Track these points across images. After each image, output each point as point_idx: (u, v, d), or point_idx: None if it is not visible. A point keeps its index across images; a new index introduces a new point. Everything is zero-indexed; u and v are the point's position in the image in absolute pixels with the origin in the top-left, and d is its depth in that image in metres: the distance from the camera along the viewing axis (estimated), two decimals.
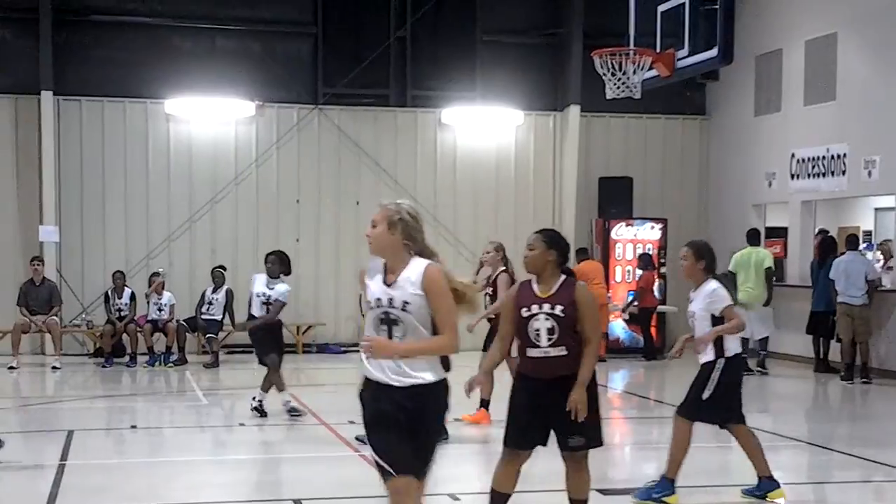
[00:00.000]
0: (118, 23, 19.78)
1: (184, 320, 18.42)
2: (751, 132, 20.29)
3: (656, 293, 19.59)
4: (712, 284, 8.15)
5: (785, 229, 19.83)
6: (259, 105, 19.97)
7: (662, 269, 20.02)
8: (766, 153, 19.77)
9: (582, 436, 6.73)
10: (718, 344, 8.09)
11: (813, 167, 18.51)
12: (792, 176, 19.00)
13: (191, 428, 12.63)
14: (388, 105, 20.81)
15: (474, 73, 20.99)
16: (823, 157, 18.24)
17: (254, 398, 12.45)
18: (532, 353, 6.74)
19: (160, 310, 18.30)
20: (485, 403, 11.87)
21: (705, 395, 8.11)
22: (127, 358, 18.03)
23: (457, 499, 8.39)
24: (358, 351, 5.74)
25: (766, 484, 8.41)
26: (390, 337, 5.49)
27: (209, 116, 19.91)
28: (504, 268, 11.79)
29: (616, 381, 17.31)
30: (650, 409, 14.31)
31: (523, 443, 6.85)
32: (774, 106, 19.59)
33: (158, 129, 19.86)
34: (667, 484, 8.22)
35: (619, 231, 20.17)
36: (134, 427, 12.53)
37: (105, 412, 13.77)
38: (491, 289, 11.71)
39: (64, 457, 10.10)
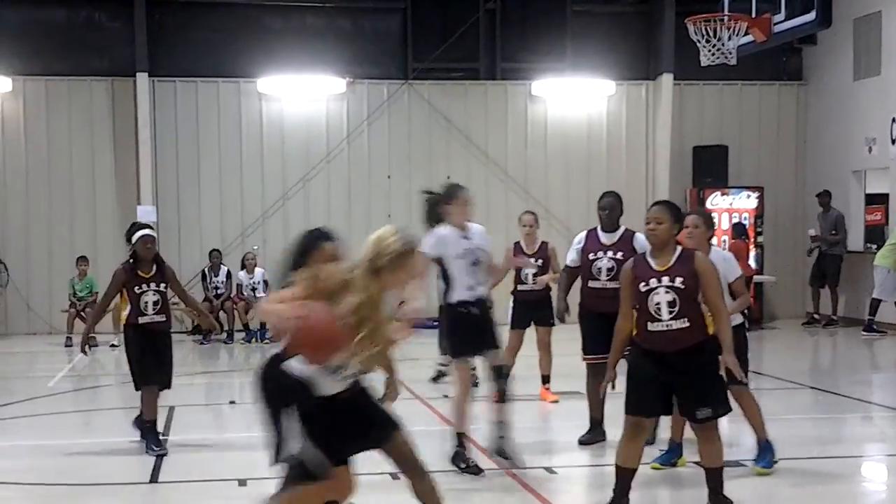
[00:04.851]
0: (210, 3, 20.02)
1: None
2: (849, 97, 19.80)
3: (751, 263, 19.23)
4: (725, 253, 8.27)
5: (886, 196, 19.35)
6: (350, 81, 20.04)
7: (759, 238, 19.69)
8: (865, 118, 19.28)
9: (708, 406, 6.70)
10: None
11: None
12: (893, 141, 18.50)
13: None
14: (478, 78, 20.72)
15: (565, 44, 20.77)
16: None
17: None
18: (653, 326, 6.63)
19: (253, 288, 18.51)
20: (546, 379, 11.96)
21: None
22: (224, 335, 18.30)
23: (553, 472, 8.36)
24: None
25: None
26: None
27: (301, 94, 20.05)
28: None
29: None
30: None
31: (647, 410, 6.83)
32: (874, 70, 19.08)
33: (251, 108, 20.06)
34: (769, 447, 8.14)
35: (715, 200, 19.88)
36: (233, 402, 12.70)
37: (204, 388, 13.99)
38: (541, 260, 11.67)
39: (166, 432, 10.28)
